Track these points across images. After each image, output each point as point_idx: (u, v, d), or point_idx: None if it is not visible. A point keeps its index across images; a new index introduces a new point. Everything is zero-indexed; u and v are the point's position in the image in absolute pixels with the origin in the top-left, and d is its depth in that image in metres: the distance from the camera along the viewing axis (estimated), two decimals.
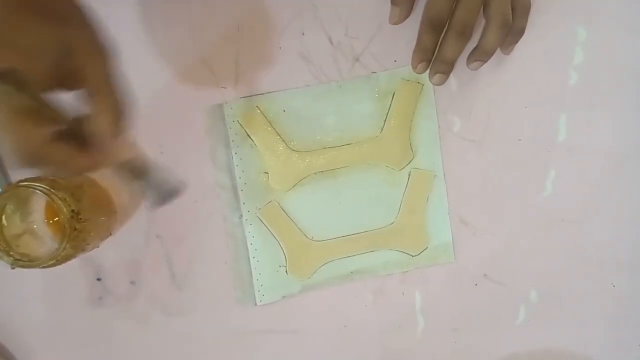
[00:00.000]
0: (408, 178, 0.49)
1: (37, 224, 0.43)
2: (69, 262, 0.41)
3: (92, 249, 0.45)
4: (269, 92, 0.48)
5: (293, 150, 0.48)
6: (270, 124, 0.48)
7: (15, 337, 0.49)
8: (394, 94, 0.48)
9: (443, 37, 0.44)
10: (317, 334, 0.51)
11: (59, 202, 0.39)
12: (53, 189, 0.39)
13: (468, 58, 0.46)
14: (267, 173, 0.48)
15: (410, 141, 0.49)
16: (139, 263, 0.48)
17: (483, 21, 0.45)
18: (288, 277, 0.49)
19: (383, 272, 0.50)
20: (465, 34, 0.43)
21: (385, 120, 0.49)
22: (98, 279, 0.48)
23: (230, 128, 0.48)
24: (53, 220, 0.43)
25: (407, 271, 0.50)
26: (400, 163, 0.49)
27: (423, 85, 0.48)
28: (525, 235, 0.51)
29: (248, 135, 0.48)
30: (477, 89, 0.49)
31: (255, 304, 0.49)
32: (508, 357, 0.52)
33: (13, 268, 0.40)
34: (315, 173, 0.49)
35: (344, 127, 0.49)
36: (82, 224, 0.40)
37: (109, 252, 0.48)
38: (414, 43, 0.46)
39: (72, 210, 0.40)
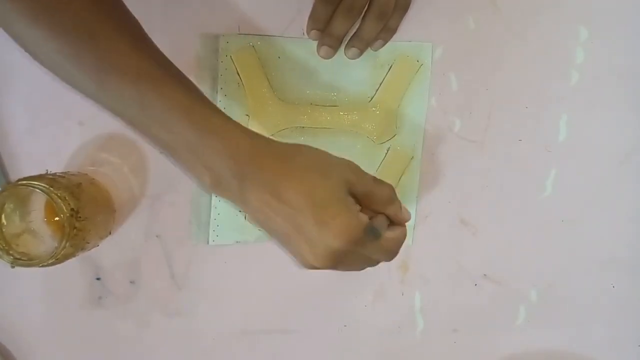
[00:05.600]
0: (386, 154, 0.49)
1: (37, 223, 0.43)
2: (68, 262, 0.41)
3: (91, 248, 0.45)
4: (268, 35, 0.47)
5: (279, 98, 0.48)
6: (263, 67, 0.47)
7: (14, 336, 0.48)
8: (390, 66, 0.48)
9: (334, 13, 0.44)
10: (316, 334, 0.51)
11: (59, 200, 0.39)
12: (52, 187, 0.39)
13: (346, 45, 0.46)
14: (248, 116, 0.47)
15: (396, 118, 0.49)
16: (139, 263, 0.48)
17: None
18: (246, 223, 0.48)
19: None
20: (353, 12, 0.44)
21: (376, 91, 0.49)
22: (97, 279, 0.48)
23: (221, 62, 0.47)
24: (52, 219, 0.43)
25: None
26: (381, 137, 0.49)
27: (422, 64, 0.48)
28: (525, 236, 0.51)
29: (237, 73, 0.47)
30: (478, 89, 0.49)
31: (208, 243, 0.48)
32: (508, 358, 0.52)
33: (13, 267, 0.40)
34: (296, 127, 0.48)
35: (335, 87, 0.48)
36: (81, 223, 0.40)
37: (108, 251, 0.48)
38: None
39: (72, 209, 0.40)
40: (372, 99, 0.49)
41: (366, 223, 0.34)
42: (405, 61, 0.48)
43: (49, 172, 0.43)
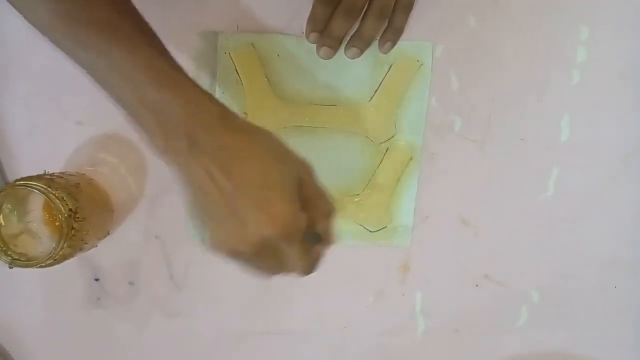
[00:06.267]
0: (385, 154, 0.49)
1: (35, 224, 0.43)
2: (66, 262, 0.41)
3: (90, 249, 0.45)
4: (267, 33, 0.47)
5: (278, 97, 0.47)
6: (262, 65, 0.47)
7: (12, 337, 0.48)
8: (391, 66, 0.48)
9: (333, 13, 0.44)
10: (317, 335, 0.50)
11: (57, 201, 0.39)
12: (50, 187, 0.39)
13: (346, 44, 0.46)
14: (246, 114, 0.47)
15: (396, 118, 0.49)
16: (138, 263, 0.48)
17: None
18: None
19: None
20: (352, 12, 0.43)
21: (376, 90, 0.48)
22: (96, 279, 0.48)
23: (220, 59, 0.47)
24: (51, 220, 0.43)
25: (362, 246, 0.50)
26: (380, 137, 0.49)
27: (422, 64, 0.48)
28: (526, 236, 0.50)
29: (236, 70, 0.47)
30: (479, 88, 0.49)
31: None
32: (510, 359, 0.52)
33: (11, 267, 0.40)
34: (294, 126, 0.48)
35: (334, 86, 0.48)
36: (79, 223, 0.40)
37: (107, 252, 0.48)
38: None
39: (70, 209, 0.40)
40: (371, 98, 0.48)
41: (304, 221, 0.34)
42: (406, 61, 0.48)
43: (47, 173, 0.43)
